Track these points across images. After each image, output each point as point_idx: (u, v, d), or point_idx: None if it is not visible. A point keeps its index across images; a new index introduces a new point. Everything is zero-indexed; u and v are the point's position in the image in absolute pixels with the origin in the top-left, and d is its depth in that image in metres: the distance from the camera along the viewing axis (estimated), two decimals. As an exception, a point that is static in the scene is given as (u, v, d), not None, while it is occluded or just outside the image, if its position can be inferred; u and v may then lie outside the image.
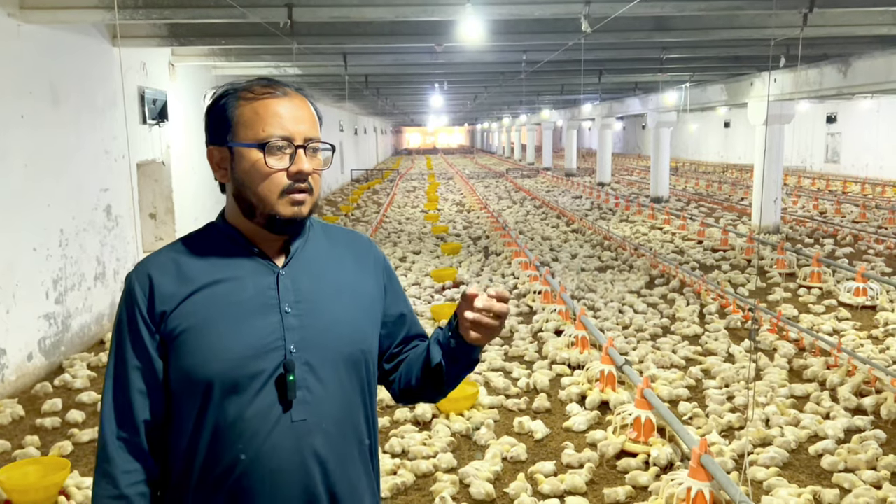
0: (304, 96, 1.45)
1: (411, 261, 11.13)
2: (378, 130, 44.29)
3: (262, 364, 1.36)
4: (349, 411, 1.44)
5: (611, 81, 14.96)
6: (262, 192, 1.37)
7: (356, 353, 1.45)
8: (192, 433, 1.37)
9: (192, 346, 1.35)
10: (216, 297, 1.38)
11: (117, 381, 1.39)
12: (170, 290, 1.38)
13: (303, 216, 1.40)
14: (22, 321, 5.90)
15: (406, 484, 4.20)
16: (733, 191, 21.52)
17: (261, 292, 1.39)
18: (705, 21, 7.78)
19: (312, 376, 1.38)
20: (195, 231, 1.49)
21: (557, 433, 4.94)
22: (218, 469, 1.36)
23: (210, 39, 7.91)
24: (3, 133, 5.72)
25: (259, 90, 1.40)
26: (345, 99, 17.79)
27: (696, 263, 10.43)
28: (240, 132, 1.38)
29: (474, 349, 1.47)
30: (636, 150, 49.01)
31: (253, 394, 1.35)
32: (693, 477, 3.64)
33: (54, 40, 6.50)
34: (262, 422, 1.35)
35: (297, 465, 1.37)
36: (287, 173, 1.37)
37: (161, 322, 1.37)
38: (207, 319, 1.36)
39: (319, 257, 1.49)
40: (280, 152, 1.37)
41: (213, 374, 1.34)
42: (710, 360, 6.19)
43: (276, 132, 1.37)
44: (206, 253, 1.43)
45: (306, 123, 1.40)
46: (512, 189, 23.87)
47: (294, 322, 1.39)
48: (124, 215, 7.86)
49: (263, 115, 1.37)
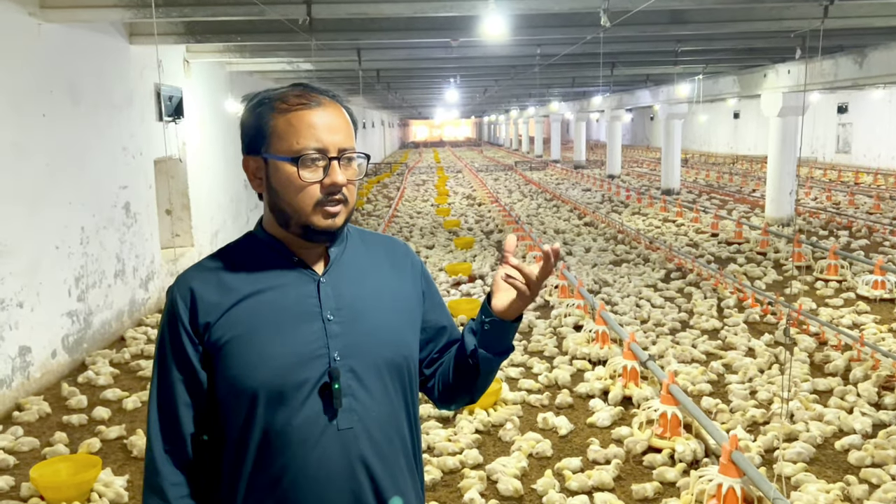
0: (339, 103, 1.44)
1: (425, 255, 11.14)
2: (385, 124, 44.26)
3: (306, 372, 1.36)
4: (394, 417, 1.45)
5: (623, 74, 14.90)
6: (296, 204, 1.37)
7: (398, 358, 1.46)
8: (239, 443, 1.37)
9: (237, 355, 1.36)
10: (259, 306, 1.38)
11: (162, 395, 1.40)
12: (213, 300, 1.38)
13: (337, 227, 1.40)
14: (45, 319, 5.94)
15: (434, 480, 4.22)
16: (744, 182, 21.43)
17: (302, 300, 1.40)
18: (722, 13, 7.74)
19: (357, 383, 1.39)
20: (234, 242, 1.50)
21: (581, 429, 4.95)
22: (266, 479, 1.36)
23: (226, 36, 7.92)
24: (26, 132, 5.74)
25: (293, 101, 1.39)
26: (356, 93, 17.79)
27: (710, 256, 10.40)
28: (274, 144, 1.38)
29: (506, 331, 1.46)
30: (644, 141, 48.83)
31: (299, 403, 1.35)
32: (724, 473, 3.64)
33: (72, 39, 6.51)
34: (309, 431, 1.35)
35: (345, 473, 1.37)
36: (321, 186, 1.37)
37: (205, 333, 1.38)
38: (252, 329, 1.36)
39: (358, 264, 1.49)
40: (314, 165, 1.36)
41: (259, 383, 1.34)
42: (731, 354, 6.18)
43: (310, 144, 1.36)
44: (246, 263, 1.43)
45: (341, 133, 1.39)
46: (521, 182, 23.83)
47: (336, 329, 1.39)
48: (142, 212, 7.90)
49: (298, 126, 1.36)
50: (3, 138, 5.44)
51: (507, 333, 1.47)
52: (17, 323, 5.56)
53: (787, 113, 12.68)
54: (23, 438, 4.90)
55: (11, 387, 5.48)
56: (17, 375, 5.56)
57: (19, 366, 5.58)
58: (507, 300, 1.43)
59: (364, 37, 8.04)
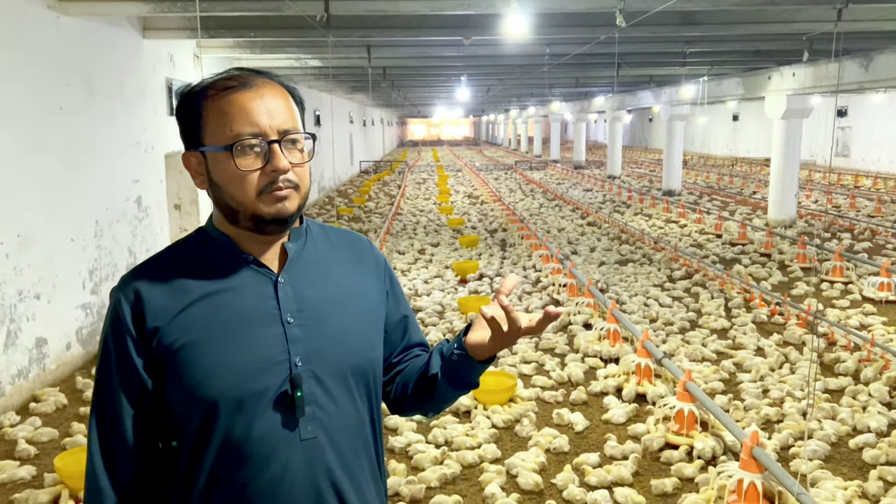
0: (280, 83, 1.33)
1: (430, 253, 11.17)
2: (385, 122, 44.29)
3: (267, 380, 1.26)
4: (359, 425, 1.36)
5: (628, 75, 14.95)
6: (239, 197, 1.27)
7: (364, 363, 1.37)
8: (193, 456, 1.27)
9: (191, 363, 1.25)
10: (213, 309, 1.28)
11: (104, 405, 1.29)
12: (161, 303, 1.27)
13: (288, 212, 1.28)
14: (61, 311, 5.96)
15: (454, 474, 4.26)
16: (745, 184, 21.52)
17: (260, 303, 1.30)
18: (735, 15, 7.79)
19: (321, 390, 1.30)
20: (183, 239, 1.39)
21: (597, 425, 4.99)
22: (223, 493, 1.27)
23: (239, 32, 7.94)
24: (44, 124, 5.76)
25: (222, 84, 1.27)
26: (359, 90, 17.82)
27: (715, 257, 10.46)
28: (209, 134, 1.27)
29: (473, 369, 1.40)
30: (643, 142, 48.94)
31: (259, 412, 1.26)
32: (745, 469, 3.69)
33: (88, 33, 6.53)
34: (271, 441, 1.26)
35: (308, 485, 1.29)
36: (262, 173, 1.25)
37: (153, 338, 1.26)
38: (206, 334, 1.26)
39: (320, 262, 1.39)
40: (252, 151, 1.25)
41: (217, 392, 1.24)
42: (742, 353, 6.23)
43: (244, 130, 1.24)
44: (197, 262, 1.32)
45: (281, 115, 1.27)
46: (522, 181, 23.88)
47: (298, 333, 1.30)
48: (153, 206, 7.91)
49: (229, 112, 1.25)
50: (22, 131, 5.46)
51: (474, 371, 1.41)
52: (34, 314, 5.58)
53: (791, 115, 12.75)
54: (42, 429, 4.92)
55: (28, 378, 5.50)
56: (34, 367, 5.58)
57: (36, 357, 5.60)
58: (482, 339, 1.36)
59: (376, 34, 8.07)
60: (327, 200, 18.88)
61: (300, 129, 1.31)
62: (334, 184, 21.78)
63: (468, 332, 1.39)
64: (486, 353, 1.38)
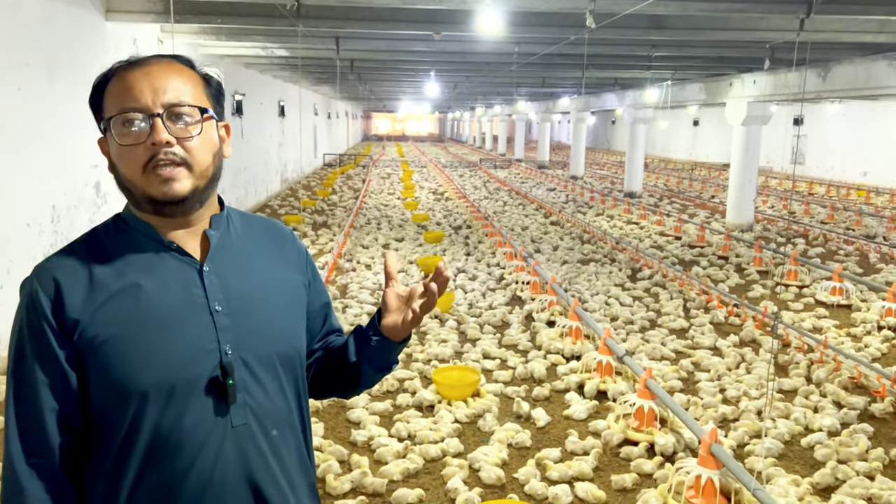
0: (187, 65, 1.32)
1: (395, 248, 11.15)
2: (349, 115, 44.00)
3: (197, 369, 1.26)
4: (288, 412, 1.38)
5: (594, 76, 15.11)
6: (128, 175, 1.26)
7: (291, 351, 1.39)
8: (120, 450, 1.24)
9: (118, 356, 1.23)
10: (138, 300, 1.25)
11: (23, 401, 1.23)
12: (82, 295, 1.24)
13: (178, 194, 1.25)
14: (14, 298, 5.77)
15: (417, 468, 4.26)
16: (704, 188, 21.92)
17: (186, 292, 1.29)
18: (700, 21, 7.93)
19: (251, 378, 1.30)
20: (101, 226, 1.36)
21: (558, 421, 5.04)
22: (154, 486, 1.25)
23: (206, 18, 7.80)
24: (1, 105, 5.59)
25: (118, 66, 1.28)
26: (325, 82, 17.66)
27: (675, 258, 10.65)
28: (106, 116, 1.27)
29: (393, 349, 1.45)
30: (605, 144, 49.53)
31: (191, 401, 1.25)
32: (703, 465, 3.76)
33: (50, 12, 6.36)
34: (203, 430, 1.26)
35: (240, 471, 1.29)
36: (143, 147, 1.23)
37: (74, 331, 1.23)
38: (132, 325, 1.24)
39: (243, 250, 1.39)
40: (133, 127, 1.24)
41: (147, 384, 1.23)
42: (699, 353, 6.36)
43: (126, 105, 1.24)
44: (118, 251, 1.29)
45: (169, 90, 1.26)
46: (486, 179, 23.96)
47: (226, 321, 1.29)
48: (112, 192, 7.73)
49: (116, 90, 1.26)
50: (-23, 110, 5.29)
51: (393, 351, 1.45)
52: (-13, 300, 5.42)
53: (751, 122, 13.03)
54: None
55: (-21, 366, 5.34)
56: (-15, 354, 5.42)
57: (-13, 344, 5.44)
58: (396, 321, 1.42)
59: (346, 25, 8.01)
60: (290, 192, 18.69)
61: (192, 104, 1.29)
62: (297, 176, 21.57)
63: (381, 318, 1.44)
64: (402, 333, 1.44)
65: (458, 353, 6.31)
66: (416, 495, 3.93)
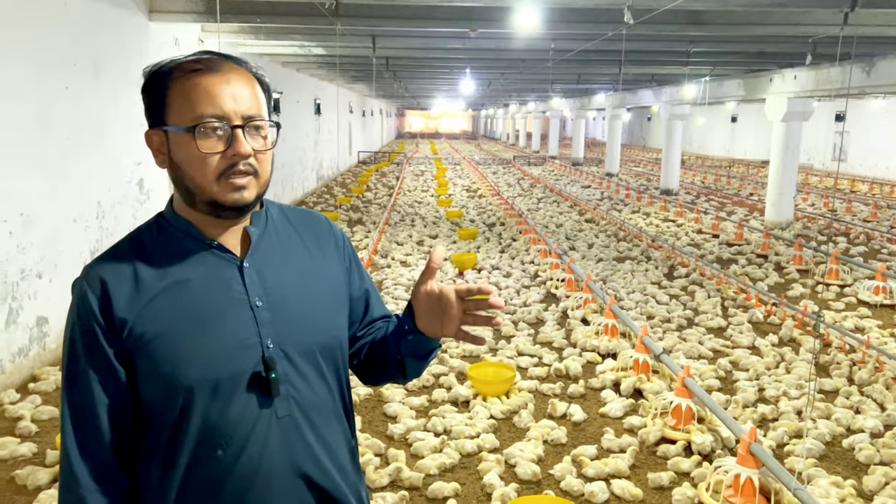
0: (248, 70, 1.35)
1: (429, 245, 11.20)
2: (384, 113, 44.23)
3: (241, 363, 1.30)
4: (331, 400, 1.41)
5: (630, 73, 14.98)
6: (198, 179, 1.28)
7: (332, 341, 1.42)
8: (170, 443, 1.29)
9: (164, 352, 1.27)
10: (182, 298, 1.29)
11: (77, 397, 1.28)
12: (128, 294, 1.28)
13: (246, 201, 1.30)
14: (62, 291, 5.96)
15: (453, 463, 4.29)
16: (742, 186, 21.59)
17: (227, 288, 1.32)
18: (741, 16, 7.82)
19: (293, 370, 1.34)
20: (144, 226, 1.38)
21: (594, 418, 5.04)
22: (203, 476, 1.29)
23: (246, 17, 7.92)
24: (50, 104, 5.76)
25: (189, 66, 1.29)
26: (360, 80, 17.78)
27: (712, 257, 10.52)
28: (172, 114, 1.28)
29: (430, 342, 1.44)
30: (640, 141, 49.02)
31: (235, 395, 1.29)
32: (742, 464, 3.73)
33: (96, 13, 6.52)
34: (248, 422, 1.29)
35: (287, 462, 1.32)
36: (223, 157, 1.27)
37: (122, 330, 1.27)
38: (177, 323, 1.28)
39: (281, 244, 1.41)
40: (214, 134, 1.26)
41: (193, 379, 1.27)
42: (738, 352, 6.29)
43: (207, 112, 1.26)
44: (161, 250, 1.32)
45: (246, 100, 1.29)
46: (520, 176, 23.91)
47: (267, 316, 1.33)
48: (154, 189, 7.91)
49: (194, 94, 1.26)
50: (27, 110, 5.45)
51: (433, 342, 1.45)
52: (36, 293, 5.59)
53: (792, 118, 12.80)
54: (42, 407, 4.94)
55: (29, 356, 5.51)
56: (34, 345, 5.59)
57: (37, 336, 5.61)
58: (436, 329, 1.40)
59: (383, 23, 8.06)
60: (326, 189, 18.87)
61: (265, 116, 1.33)
62: (333, 173, 21.75)
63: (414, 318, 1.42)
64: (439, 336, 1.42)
65: (493, 350, 6.33)
66: (453, 489, 3.96)
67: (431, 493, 3.95)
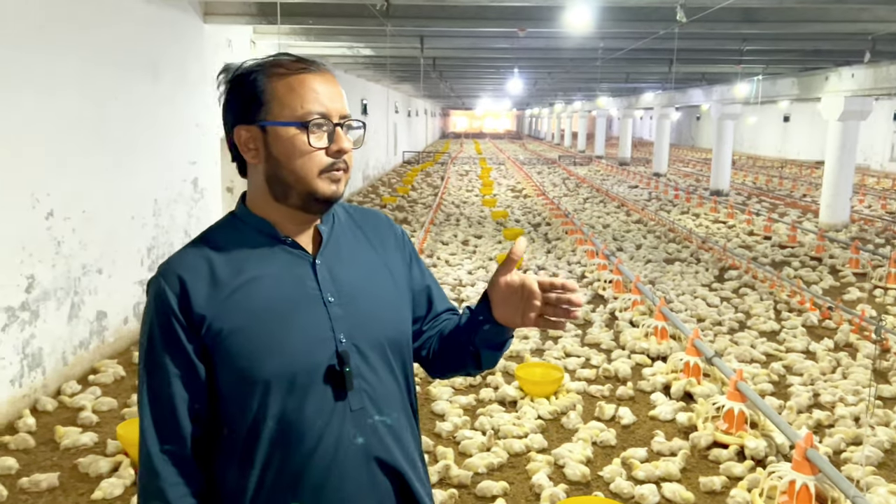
0: (332, 73, 1.39)
1: (474, 245, 11.21)
2: (428, 112, 44.37)
3: (316, 357, 1.33)
4: (399, 393, 1.44)
5: (681, 71, 14.75)
6: (300, 172, 1.32)
7: (399, 335, 1.45)
8: (248, 436, 1.32)
9: (242, 347, 1.30)
10: (258, 294, 1.32)
11: (156, 391, 1.32)
12: (205, 291, 1.31)
13: (339, 195, 1.36)
14: (120, 286, 6.15)
15: (501, 462, 4.30)
16: (794, 187, 21.08)
17: (301, 284, 1.36)
18: (797, 13, 7.65)
19: (364, 364, 1.37)
20: (217, 224, 1.42)
21: (644, 421, 4.99)
22: (281, 468, 1.32)
23: (298, 19, 8.05)
24: (110, 106, 5.94)
25: (292, 65, 1.34)
26: (406, 80, 17.88)
27: (764, 259, 10.30)
28: (274, 109, 1.32)
29: (505, 331, 1.44)
30: (689, 141, 48.23)
31: (310, 389, 1.32)
32: (797, 470, 3.66)
33: (155, 16, 6.70)
34: (324, 415, 1.33)
35: (362, 452, 1.35)
36: (327, 152, 1.33)
37: (201, 326, 1.30)
38: (254, 318, 1.31)
39: (349, 241, 1.46)
40: (319, 130, 1.32)
41: (270, 372, 1.30)
42: (791, 356, 6.15)
43: (314, 109, 1.31)
44: (235, 247, 1.36)
45: (341, 100, 1.36)
46: (565, 176, 23.75)
47: (339, 311, 1.36)
48: (208, 188, 8.09)
49: (300, 90, 1.31)
50: (89, 111, 5.64)
51: (508, 331, 1.45)
52: (96, 288, 5.77)
53: (849, 117, 12.46)
54: (101, 398, 5.10)
55: (89, 349, 5.70)
56: (94, 339, 5.78)
57: (96, 329, 5.80)
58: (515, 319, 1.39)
59: (432, 24, 8.11)
60: (371, 189, 19.03)
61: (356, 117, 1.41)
62: (378, 173, 21.93)
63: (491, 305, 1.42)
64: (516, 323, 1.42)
65: (540, 350, 6.32)
66: (501, 488, 3.97)
67: (480, 492, 3.96)
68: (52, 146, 5.17)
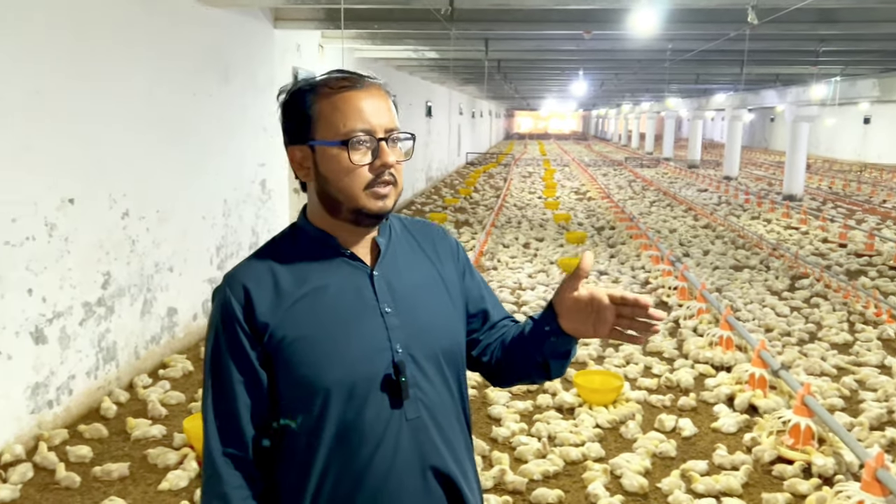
0: (380, 86, 1.42)
1: (535, 247, 11.14)
2: (492, 114, 44.33)
3: (374, 367, 1.36)
4: (453, 403, 1.47)
5: (753, 73, 14.33)
6: (347, 189, 1.36)
7: (453, 345, 1.48)
8: (308, 443, 1.36)
9: (304, 354, 1.34)
10: (319, 303, 1.37)
11: (220, 397, 1.36)
12: (269, 300, 1.36)
13: (388, 209, 1.39)
14: (190, 283, 6.37)
15: (556, 470, 4.27)
16: (874, 192, 20.20)
17: (359, 295, 1.39)
18: (878, 13, 7.33)
19: (420, 373, 1.40)
20: (279, 235, 1.48)
21: (705, 433, 4.87)
22: (340, 475, 1.36)
23: (364, 24, 8.17)
24: (184, 109, 6.17)
25: (336, 83, 1.36)
26: (471, 83, 17.92)
27: (839, 268, 9.92)
28: (320, 129, 1.36)
29: (572, 341, 1.44)
30: (762, 143, 46.79)
31: (369, 397, 1.35)
32: (866, 490, 3.52)
33: (227, 22, 6.92)
34: (381, 423, 1.36)
35: (417, 461, 1.39)
36: (370, 168, 1.35)
37: (264, 334, 1.34)
38: (316, 327, 1.35)
39: (405, 253, 1.49)
40: (362, 147, 1.35)
41: (331, 381, 1.33)
42: (865, 370, 5.91)
43: (357, 126, 1.34)
44: (297, 259, 1.41)
45: (387, 115, 1.38)
46: (632, 178, 23.36)
47: (395, 322, 1.39)
48: (276, 190, 8.30)
49: (343, 109, 1.34)
50: (168, 113, 5.87)
51: (573, 340, 1.45)
52: (168, 285, 5.99)
53: (934, 120, 11.86)
54: (171, 392, 5.30)
55: (160, 344, 5.92)
56: (165, 334, 6.00)
57: (167, 325, 6.03)
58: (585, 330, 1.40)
59: (497, 27, 8.11)
60: (434, 190, 19.14)
61: (401, 129, 1.41)
62: (441, 174, 22.04)
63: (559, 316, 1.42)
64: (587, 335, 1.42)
65: (600, 357, 6.25)
66: (556, 496, 3.94)
67: (535, 499, 3.95)
68: (127, 149, 5.39)
